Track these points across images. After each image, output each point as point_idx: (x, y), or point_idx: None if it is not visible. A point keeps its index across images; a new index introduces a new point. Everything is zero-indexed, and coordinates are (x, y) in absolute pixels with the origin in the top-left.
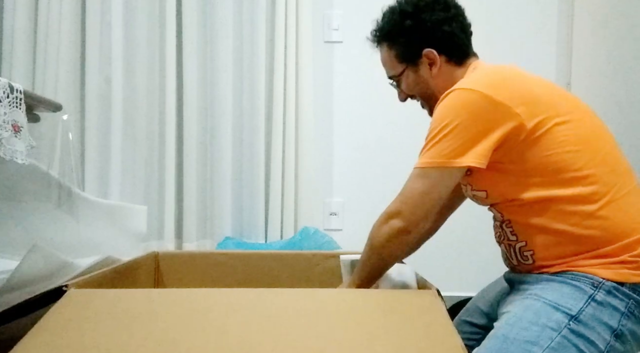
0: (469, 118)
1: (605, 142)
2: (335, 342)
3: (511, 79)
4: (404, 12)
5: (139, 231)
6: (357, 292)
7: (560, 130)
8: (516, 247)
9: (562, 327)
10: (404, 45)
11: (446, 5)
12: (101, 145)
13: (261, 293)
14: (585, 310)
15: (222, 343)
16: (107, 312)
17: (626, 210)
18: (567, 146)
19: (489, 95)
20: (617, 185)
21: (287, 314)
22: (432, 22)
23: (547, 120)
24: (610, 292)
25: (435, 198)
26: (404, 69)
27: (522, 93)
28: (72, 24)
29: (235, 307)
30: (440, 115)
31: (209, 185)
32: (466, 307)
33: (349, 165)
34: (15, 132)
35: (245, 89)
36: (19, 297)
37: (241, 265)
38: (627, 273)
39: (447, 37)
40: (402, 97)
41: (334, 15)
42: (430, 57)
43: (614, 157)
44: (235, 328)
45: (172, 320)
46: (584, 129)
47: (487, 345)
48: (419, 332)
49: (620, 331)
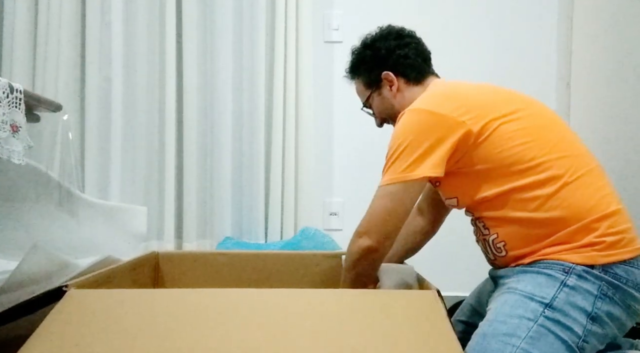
0: (418, 135)
1: (556, 131)
2: (335, 342)
3: (454, 92)
4: (364, 45)
5: (139, 232)
6: (357, 292)
7: (507, 128)
8: (489, 240)
9: (538, 316)
10: (366, 72)
11: (399, 35)
12: (101, 145)
13: (261, 293)
14: (559, 296)
15: (222, 344)
16: (107, 312)
17: (582, 191)
18: (516, 141)
19: (433, 111)
20: (572, 168)
21: (287, 314)
22: (386, 49)
23: (492, 122)
24: (581, 276)
25: (400, 214)
26: (370, 94)
27: (465, 102)
28: (72, 24)
29: (235, 307)
30: (394, 137)
31: (209, 185)
32: (461, 306)
33: (349, 165)
34: (13, 132)
35: (245, 89)
36: (19, 297)
37: (241, 265)
38: (596, 255)
39: (401, 59)
40: (378, 122)
41: (334, 15)
42: (389, 78)
43: (567, 143)
44: (235, 328)
45: (172, 320)
46: (532, 123)
47: (470, 344)
48: (418, 333)
49: (595, 314)
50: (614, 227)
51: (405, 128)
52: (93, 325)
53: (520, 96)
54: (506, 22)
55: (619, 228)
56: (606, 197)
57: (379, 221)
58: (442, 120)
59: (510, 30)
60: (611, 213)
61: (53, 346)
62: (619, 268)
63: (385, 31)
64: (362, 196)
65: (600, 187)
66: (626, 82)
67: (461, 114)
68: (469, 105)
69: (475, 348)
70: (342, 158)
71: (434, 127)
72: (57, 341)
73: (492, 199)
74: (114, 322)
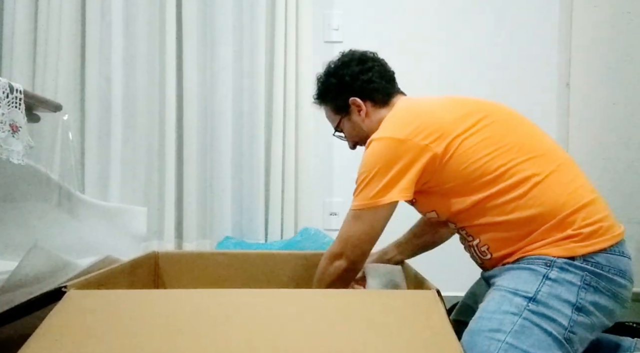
0: (386, 162)
1: (520, 133)
2: (335, 342)
3: (415, 115)
4: (328, 73)
5: (139, 233)
6: (357, 292)
7: (470, 142)
8: (474, 246)
9: (522, 310)
10: (333, 99)
11: (361, 60)
12: (101, 145)
13: (261, 293)
14: (542, 289)
15: (222, 344)
16: (107, 313)
17: (553, 188)
18: (480, 153)
19: (397, 137)
20: (540, 168)
21: (287, 314)
22: (350, 75)
23: (454, 140)
24: (563, 268)
25: (372, 235)
26: (340, 119)
27: (427, 124)
28: (72, 24)
29: (235, 307)
30: (363, 164)
31: (209, 185)
32: (458, 305)
33: (349, 165)
34: (13, 132)
35: (245, 89)
36: (19, 297)
37: (241, 265)
38: (575, 247)
39: (365, 84)
40: (350, 145)
41: (334, 15)
42: (356, 103)
43: (532, 143)
44: (235, 328)
45: (172, 320)
46: (494, 131)
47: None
48: (418, 333)
49: (580, 304)
50: (589, 217)
51: (374, 156)
52: (93, 325)
53: (482, 104)
54: (506, 22)
55: (595, 218)
56: (578, 190)
57: (354, 243)
58: (406, 147)
59: (510, 31)
60: (584, 205)
61: (53, 346)
62: (600, 257)
63: (347, 57)
64: None
65: (570, 181)
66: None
67: (424, 137)
68: (431, 128)
69: (463, 345)
70: (342, 158)
71: (399, 154)
72: (57, 341)
73: (468, 209)
74: (113, 322)
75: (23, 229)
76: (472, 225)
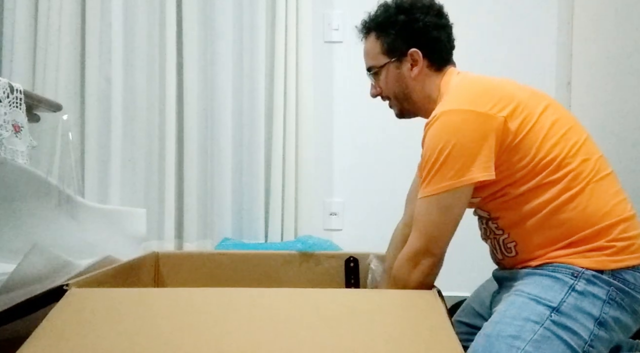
0: (463, 136)
1: (580, 132)
2: (335, 342)
3: (490, 87)
4: (400, 7)
5: (139, 234)
6: (357, 292)
7: (539, 128)
8: (500, 240)
9: (544, 319)
10: (392, 38)
11: (439, 13)
12: (101, 145)
13: (261, 293)
14: (567, 300)
15: (222, 343)
16: (108, 312)
17: (600, 195)
18: (549, 141)
19: (473, 110)
20: (593, 172)
21: (287, 314)
22: (424, 24)
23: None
24: (590, 280)
25: (454, 222)
26: (387, 63)
27: (501, 97)
28: (72, 24)
29: (235, 307)
30: (433, 142)
31: (209, 184)
32: (462, 307)
33: (349, 165)
34: (15, 132)
35: (245, 89)
36: (19, 297)
37: (241, 265)
38: (606, 260)
39: (434, 41)
40: (374, 92)
41: (334, 15)
42: (415, 57)
43: (589, 146)
44: (235, 328)
45: (172, 320)
46: (560, 123)
47: (474, 345)
48: (419, 333)
49: (603, 319)
50: (626, 232)
51: (446, 130)
52: (93, 324)
53: (542, 94)
54: (506, 22)
55: (631, 234)
56: (622, 203)
57: (438, 234)
58: (483, 118)
59: (510, 30)
60: (625, 218)
61: (53, 345)
62: (628, 274)
63: (427, 2)
64: (362, 196)
65: (616, 192)
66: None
67: (499, 110)
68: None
69: (479, 349)
70: (342, 158)
71: (476, 127)
72: (57, 340)
73: (516, 198)
74: (113, 321)
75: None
76: (508, 216)
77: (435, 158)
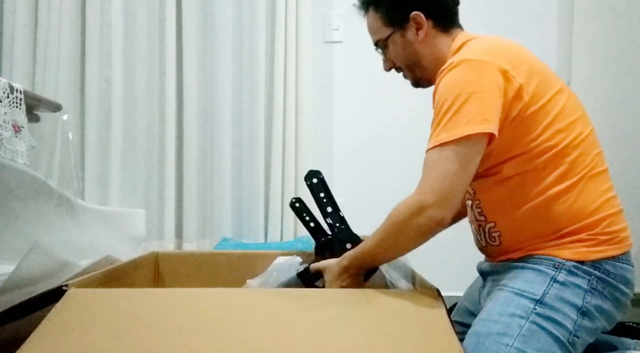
0: (482, 86)
1: (586, 124)
2: (335, 342)
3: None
4: None
5: (138, 235)
6: (356, 292)
7: (550, 108)
8: (485, 228)
9: (529, 313)
10: (391, 8)
11: None
12: (101, 145)
13: (261, 293)
14: (549, 292)
15: (222, 343)
16: (107, 312)
17: (590, 192)
18: (555, 125)
19: (496, 63)
20: (589, 167)
21: (287, 314)
22: None
23: (541, 94)
24: (571, 271)
25: (468, 176)
26: (391, 33)
27: (522, 63)
28: (72, 24)
29: (235, 307)
30: (450, 88)
31: (209, 184)
32: (456, 307)
33: (349, 165)
34: (15, 132)
35: (245, 89)
36: (19, 297)
37: (241, 265)
38: (586, 252)
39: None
40: (387, 66)
41: (334, 15)
42: (418, 20)
43: (591, 140)
44: (235, 328)
45: (172, 320)
46: (569, 110)
47: (465, 344)
48: (418, 333)
49: (585, 308)
50: (609, 227)
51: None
52: (93, 325)
53: (558, 78)
54: (506, 22)
55: (615, 228)
56: (610, 200)
57: (448, 187)
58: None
59: (510, 30)
60: (611, 214)
61: (53, 345)
62: (608, 264)
63: None
64: (362, 196)
65: (607, 189)
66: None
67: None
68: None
69: (469, 347)
70: (342, 158)
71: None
72: (57, 340)
73: (511, 178)
74: (113, 321)
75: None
76: (494, 202)
77: (451, 102)
